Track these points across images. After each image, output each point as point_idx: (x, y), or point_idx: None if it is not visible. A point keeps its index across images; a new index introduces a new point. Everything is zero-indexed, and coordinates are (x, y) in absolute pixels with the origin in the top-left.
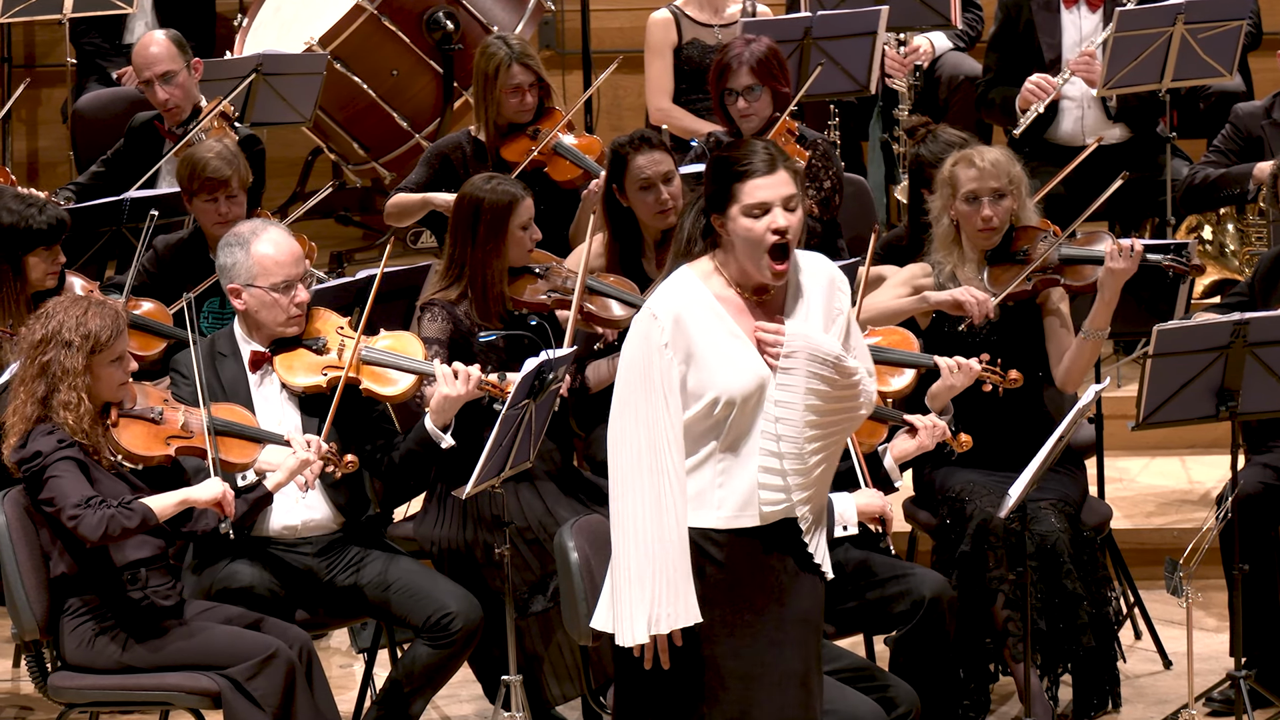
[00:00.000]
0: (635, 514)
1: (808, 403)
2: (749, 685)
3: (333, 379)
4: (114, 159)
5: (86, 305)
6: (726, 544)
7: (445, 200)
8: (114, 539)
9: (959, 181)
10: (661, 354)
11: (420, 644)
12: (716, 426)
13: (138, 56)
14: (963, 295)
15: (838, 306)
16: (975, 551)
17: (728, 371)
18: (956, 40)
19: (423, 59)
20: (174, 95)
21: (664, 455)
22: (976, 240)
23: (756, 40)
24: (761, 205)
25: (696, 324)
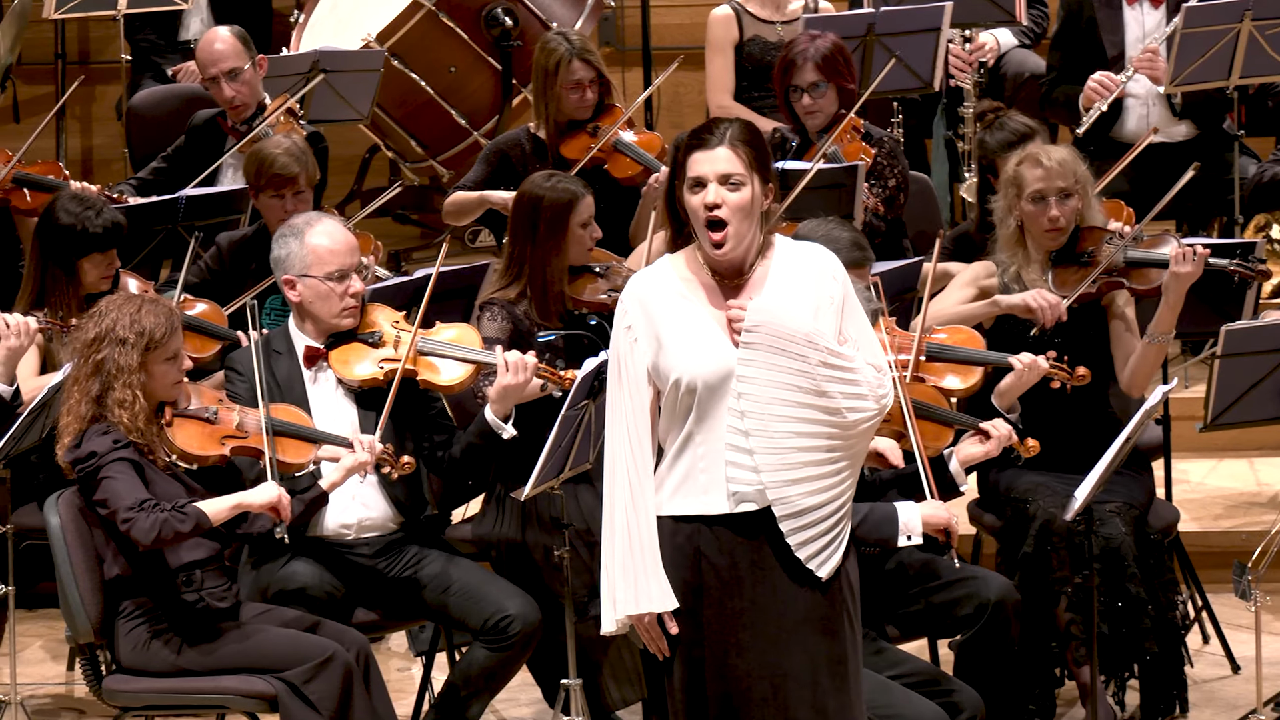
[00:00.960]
0: (613, 501)
1: (772, 378)
2: (750, 683)
3: (389, 371)
4: (175, 155)
5: (140, 303)
6: (720, 535)
7: (503, 198)
8: (166, 543)
9: (1025, 181)
10: (625, 337)
11: (478, 646)
12: (687, 409)
13: (202, 53)
14: (1033, 300)
15: (829, 294)
16: (1038, 553)
17: (691, 353)
18: (1021, 37)
19: (481, 55)
20: (240, 92)
21: (627, 440)
22: (1042, 241)
23: (821, 36)
24: (697, 179)
25: (661, 306)
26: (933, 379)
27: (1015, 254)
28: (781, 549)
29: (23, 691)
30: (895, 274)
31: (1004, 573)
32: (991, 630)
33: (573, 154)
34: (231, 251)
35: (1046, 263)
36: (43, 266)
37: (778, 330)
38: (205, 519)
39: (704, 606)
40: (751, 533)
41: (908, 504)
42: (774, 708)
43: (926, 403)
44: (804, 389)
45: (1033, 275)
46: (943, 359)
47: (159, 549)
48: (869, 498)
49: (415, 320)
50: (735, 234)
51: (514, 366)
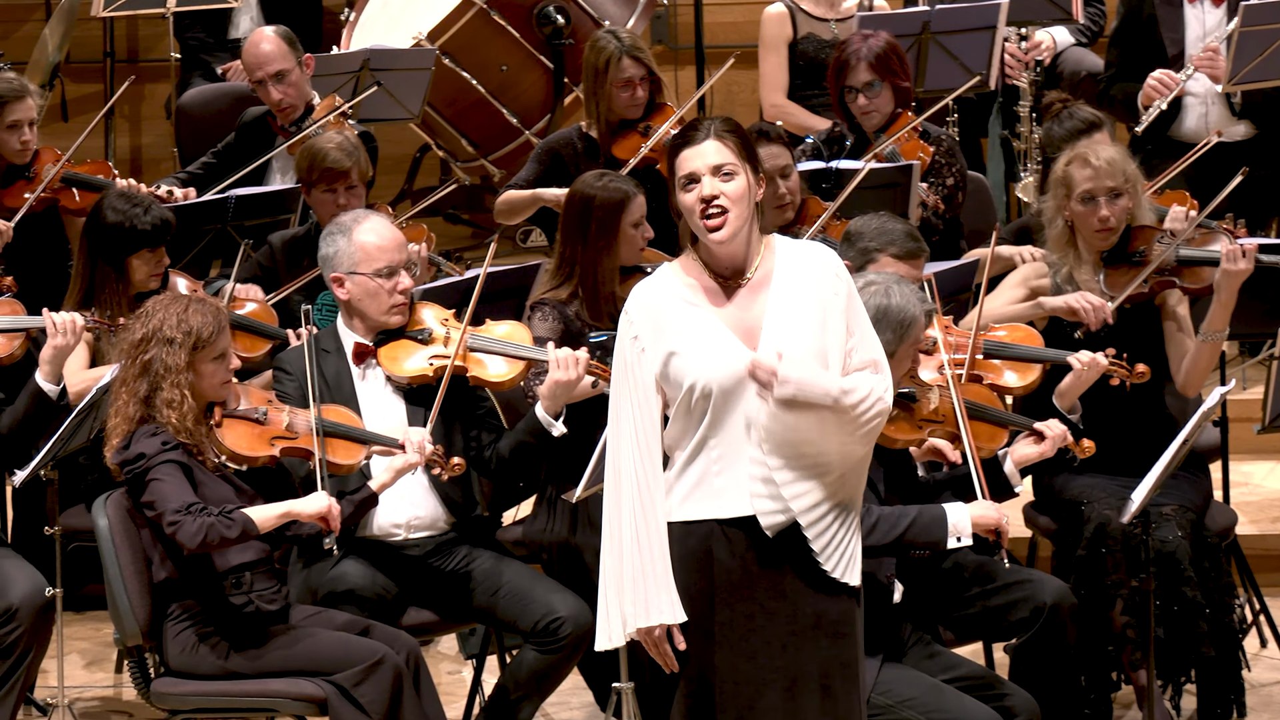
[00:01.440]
0: (619, 511)
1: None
2: (759, 688)
3: (439, 368)
4: (225, 152)
5: (186, 303)
6: (733, 537)
7: (555, 196)
8: (212, 547)
9: (1074, 181)
10: (632, 347)
11: (528, 649)
12: (701, 415)
13: (248, 56)
14: (1076, 302)
15: (834, 291)
16: (1093, 556)
17: (703, 358)
18: (1078, 35)
19: (532, 54)
20: (287, 94)
21: (634, 451)
22: (1093, 241)
23: (875, 35)
24: (689, 176)
25: (668, 314)
26: (990, 377)
27: (1066, 254)
28: (796, 553)
29: (70, 695)
30: (951, 273)
31: (1059, 576)
32: (1047, 634)
33: (624, 153)
34: (284, 250)
35: (1098, 263)
36: (91, 265)
37: (807, 390)
38: (253, 526)
39: (715, 610)
40: (764, 535)
41: (957, 505)
42: (784, 712)
43: (981, 403)
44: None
45: (1084, 276)
46: (1000, 356)
47: (206, 553)
48: (922, 499)
49: (465, 317)
50: (734, 220)
51: (565, 362)
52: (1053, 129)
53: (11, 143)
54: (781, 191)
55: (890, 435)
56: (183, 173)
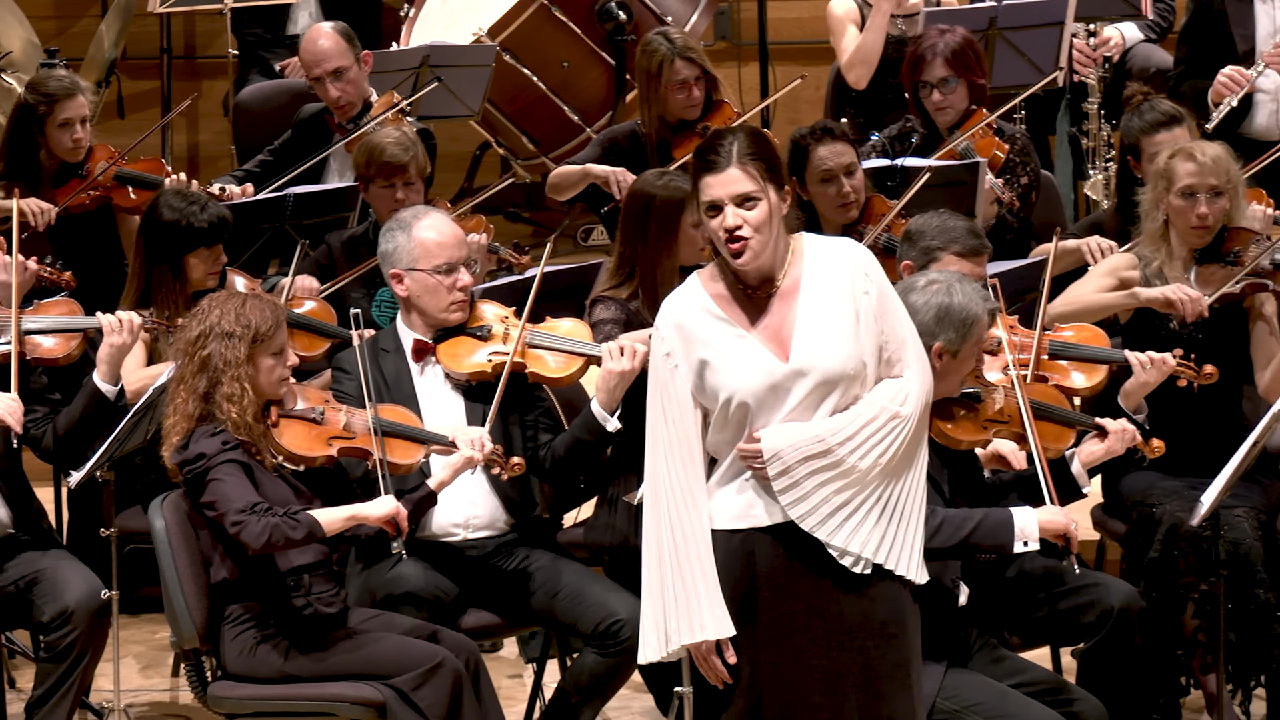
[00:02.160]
0: (658, 528)
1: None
2: (803, 690)
3: (498, 365)
4: (281, 149)
5: (244, 298)
6: (774, 542)
7: (603, 172)
8: (276, 548)
9: (1176, 175)
10: (664, 364)
11: (589, 652)
12: (738, 425)
13: (306, 53)
14: (1174, 293)
15: (864, 291)
16: (1164, 559)
17: (734, 371)
18: (1147, 31)
19: (594, 50)
20: (345, 92)
21: (670, 467)
22: (1188, 238)
23: (951, 31)
24: (713, 203)
25: (698, 328)
26: (1056, 378)
27: (1159, 249)
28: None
29: (126, 699)
30: (1016, 273)
31: (1129, 579)
32: (1115, 638)
33: (684, 154)
34: (343, 249)
35: (1190, 260)
36: (148, 264)
37: (797, 447)
38: (319, 528)
39: (760, 614)
40: (804, 538)
41: (1024, 509)
42: (829, 712)
43: (1046, 403)
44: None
45: (1175, 272)
46: (1067, 357)
47: (268, 553)
48: (988, 501)
49: (524, 314)
50: (757, 245)
51: (617, 352)
52: (1132, 121)
53: (64, 141)
54: (846, 190)
55: (955, 436)
56: (239, 170)
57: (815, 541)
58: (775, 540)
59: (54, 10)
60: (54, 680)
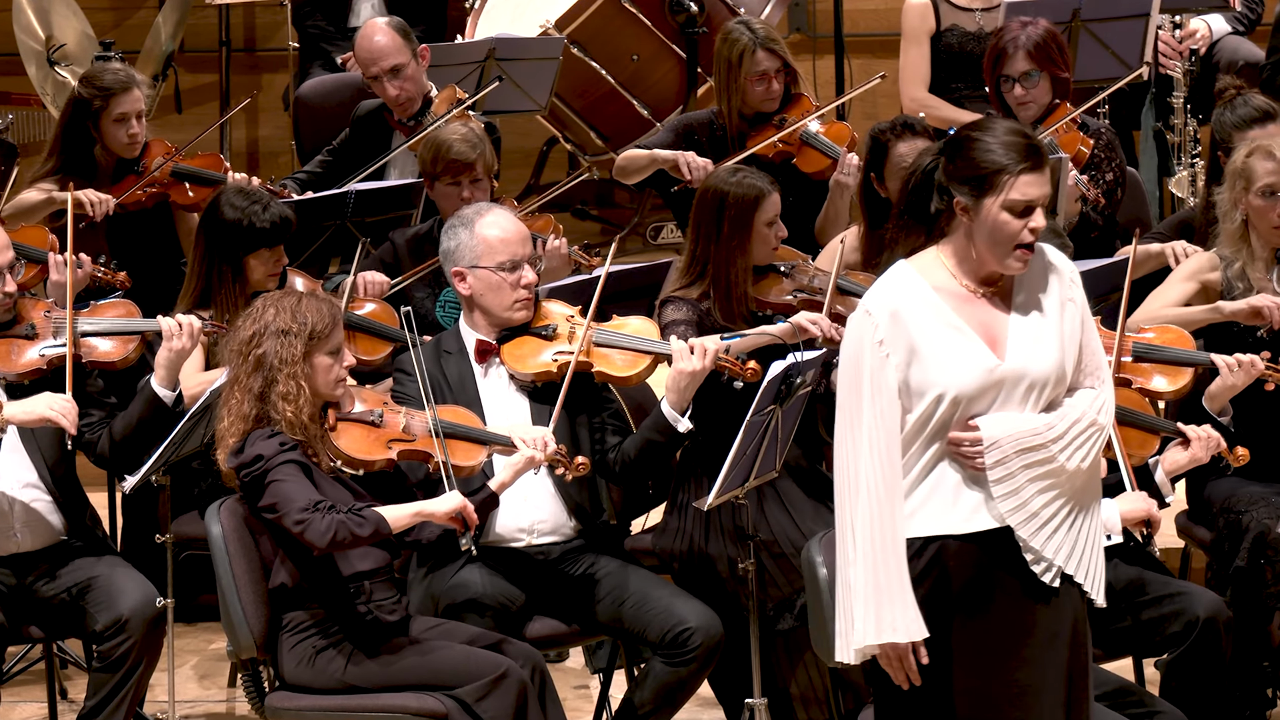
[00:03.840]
0: (853, 523)
1: (1034, 475)
2: (1000, 706)
3: (563, 364)
4: (341, 149)
5: (299, 296)
6: (963, 551)
7: (670, 157)
8: (343, 547)
9: (1255, 174)
10: (875, 352)
11: (657, 661)
12: (943, 424)
13: (361, 51)
14: (1261, 301)
15: (1069, 297)
16: (1252, 566)
17: (951, 367)
18: (1235, 23)
19: (665, 43)
20: (404, 89)
21: (874, 459)
22: (1270, 238)
23: (1034, 23)
24: (1028, 204)
25: (915, 318)
26: (1139, 381)
27: (1240, 250)
28: (1023, 563)
29: (181, 709)
30: (1100, 272)
31: (1215, 588)
32: (1200, 649)
33: (759, 147)
34: (408, 247)
35: (1272, 260)
36: (208, 264)
37: (1016, 438)
38: (385, 525)
39: (954, 628)
40: (1000, 549)
41: (1104, 501)
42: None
43: (1130, 408)
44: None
45: (1257, 274)
46: (1151, 359)
47: (328, 557)
48: None
49: (590, 313)
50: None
51: (687, 351)
52: (1224, 116)
53: (119, 136)
54: None
55: None
56: (301, 173)
57: (1008, 550)
58: (971, 549)
59: (110, 2)
60: (107, 691)
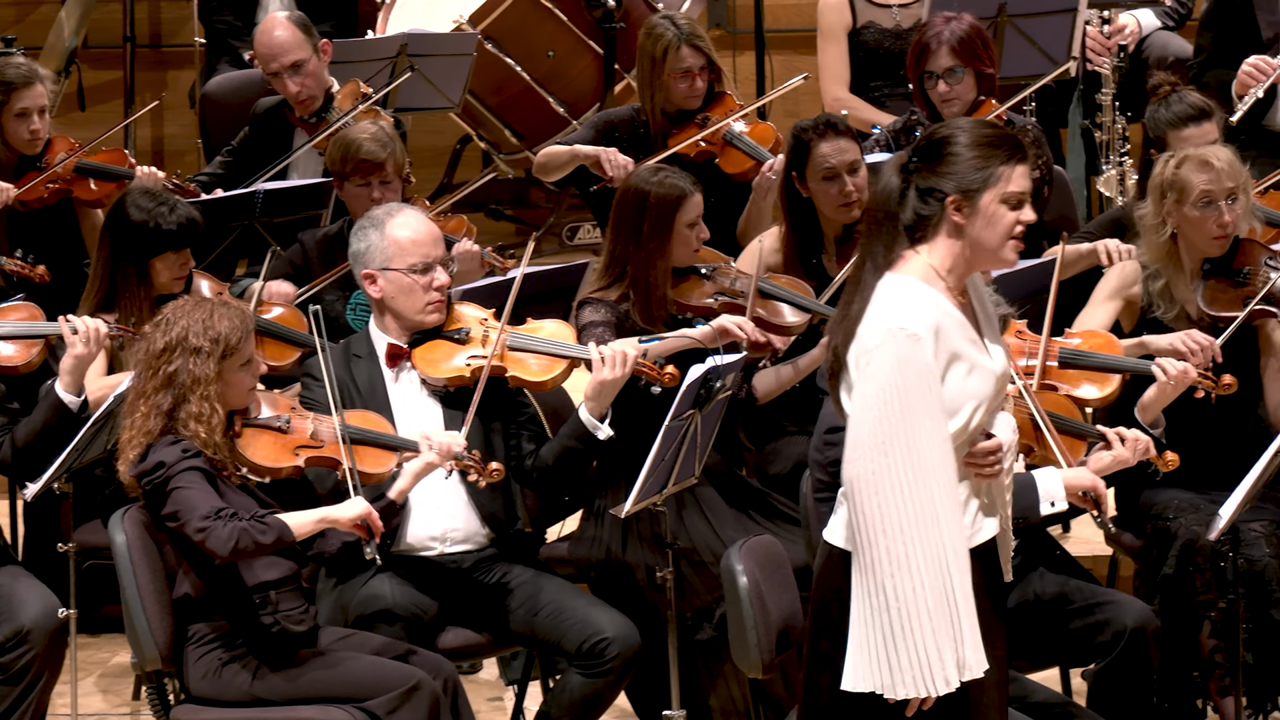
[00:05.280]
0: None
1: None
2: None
3: (477, 368)
4: (241, 148)
5: (211, 307)
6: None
7: (591, 153)
8: (245, 555)
9: (1190, 185)
10: (930, 375)
11: (573, 672)
12: (971, 438)
13: (261, 46)
14: (1183, 344)
15: (1003, 312)
16: (1180, 575)
17: (980, 378)
18: (1165, 18)
19: (582, 39)
20: (306, 85)
21: (951, 486)
22: (1207, 248)
23: (958, 18)
24: (1021, 195)
25: (950, 333)
26: (1066, 387)
27: (1167, 266)
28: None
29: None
30: (1026, 273)
31: (1143, 596)
32: (1129, 659)
33: (681, 146)
34: (318, 248)
35: (1198, 273)
36: (112, 266)
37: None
38: (288, 532)
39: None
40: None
41: (1047, 469)
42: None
43: (1057, 413)
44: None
45: (1182, 292)
46: (1077, 365)
47: (234, 566)
48: None
49: (504, 316)
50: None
51: (611, 360)
52: (1158, 113)
53: (20, 132)
54: (848, 189)
55: None
56: (203, 174)
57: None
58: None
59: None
60: (8, 705)
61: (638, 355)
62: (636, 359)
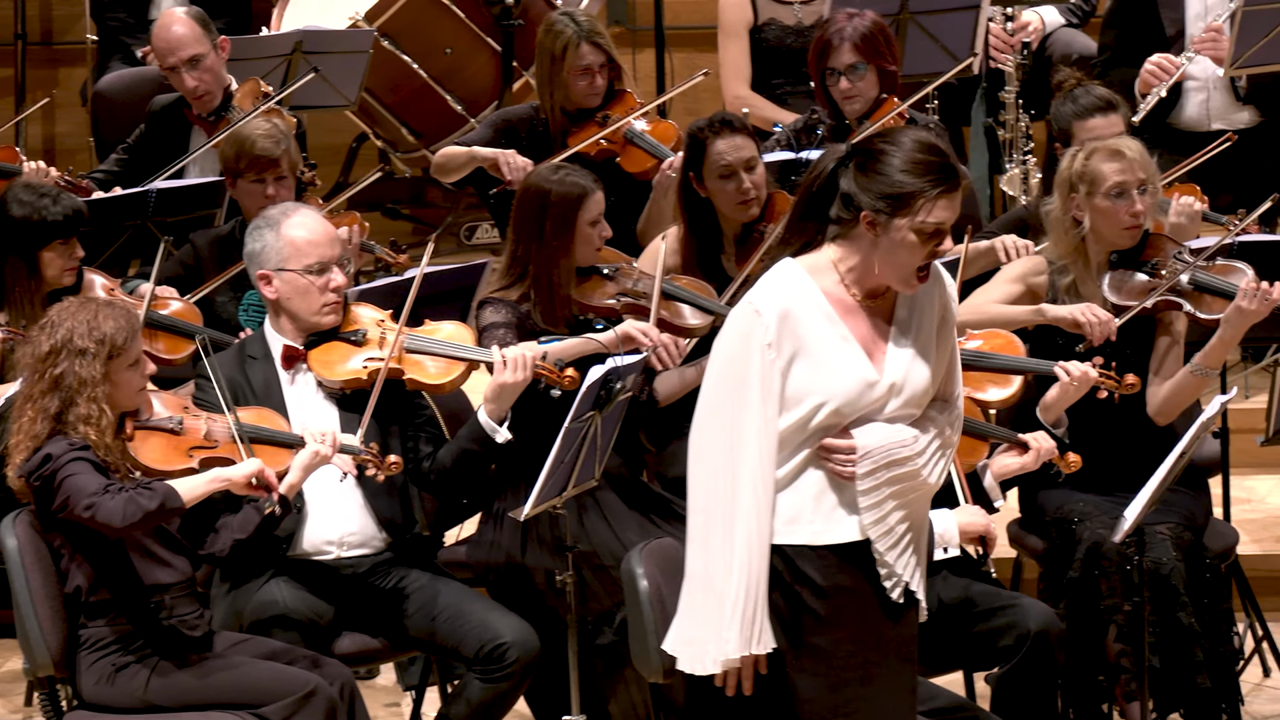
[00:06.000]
0: (724, 528)
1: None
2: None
3: (374, 371)
4: (137, 145)
5: (95, 308)
6: (825, 564)
7: (489, 155)
8: (136, 526)
9: (1101, 176)
10: (764, 355)
11: (472, 678)
12: (815, 435)
13: (159, 40)
14: (1083, 315)
15: (944, 315)
16: (1085, 578)
17: (832, 376)
18: (1068, 15)
19: (479, 36)
20: (203, 81)
21: (766, 468)
22: (1119, 239)
23: (860, 15)
24: (939, 228)
25: (805, 323)
26: (967, 389)
27: (1075, 262)
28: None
29: None
30: None
31: (1048, 599)
32: (1032, 663)
33: (582, 145)
34: (210, 249)
35: (1104, 266)
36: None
37: (887, 450)
38: (174, 496)
39: (805, 636)
40: (855, 562)
41: (942, 512)
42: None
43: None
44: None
45: (1088, 286)
46: (978, 368)
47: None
48: None
49: (401, 317)
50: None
51: (512, 363)
52: (1064, 107)
53: None
54: (746, 186)
55: None
56: (98, 172)
57: (864, 564)
58: (826, 561)
59: None
60: None
61: (537, 357)
62: (536, 361)
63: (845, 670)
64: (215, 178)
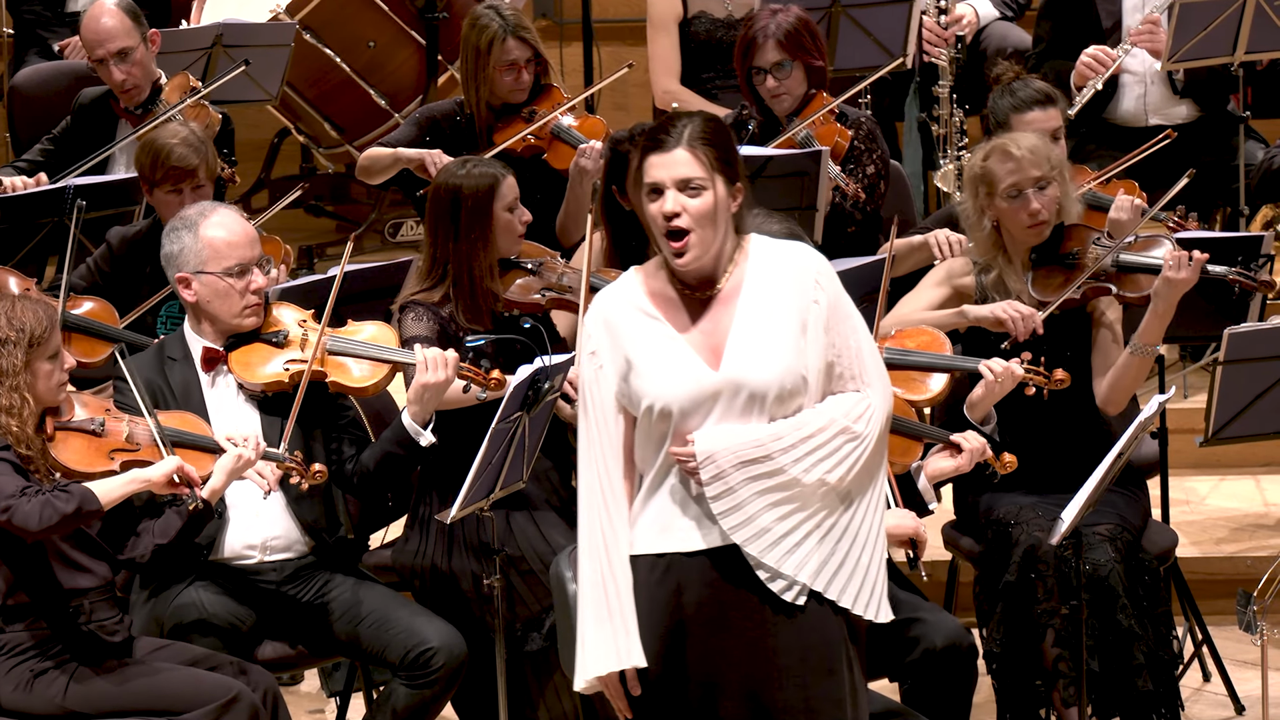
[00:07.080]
0: (581, 544)
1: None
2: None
3: (296, 373)
4: (62, 138)
5: (13, 301)
6: (702, 568)
7: (415, 156)
8: (55, 529)
9: (996, 177)
10: (590, 363)
11: (398, 684)
12: (662, 436)
13: (88, 32)
14: (1004, 312)
15: (815, 300)
16: (1022, 582)
17: (659, 378)
18: (1003, 8)
19: (403, 29)
20: (132, 74)
21: (600, 474)
22: (1025, 238)
23: (784, 10)
24: (653, 185)
25: (627, 327)
26: (897, 389)
27: (995, 258)
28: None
29: None
30: (861, 272)
31: (983, 603)
32: (938, 680)
33: (509, 142)
34: (125, 249)
35: (1027, 264)
36: None
37: (734, 451)
38: (91, 499)
39: (687, 647)
40: (736, 565)
41: None
42: None
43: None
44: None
45: (1014, 282)
46: (902, 366)
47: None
48: None
49: (324, 318)
50: (699, 242)
51: (433, 363)
52: (1001, 100)
53: None
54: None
55: None
56: (21, 161)
57: (748, 567)
58: (704, 566)
59: None
60: None
61: (461, 359)
62: (458, 362)
63: (742, 677)
64: (135, 174)
